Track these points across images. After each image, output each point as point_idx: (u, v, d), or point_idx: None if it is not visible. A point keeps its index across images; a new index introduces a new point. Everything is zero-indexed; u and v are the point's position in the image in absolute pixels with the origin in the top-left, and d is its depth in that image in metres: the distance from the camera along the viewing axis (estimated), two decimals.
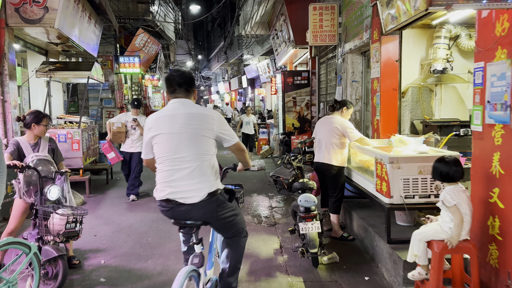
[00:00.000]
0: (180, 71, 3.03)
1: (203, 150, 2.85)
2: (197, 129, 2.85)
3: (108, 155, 7.43)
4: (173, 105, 2.95)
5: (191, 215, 2.82)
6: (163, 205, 2.87)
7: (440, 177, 3.23)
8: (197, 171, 2.81)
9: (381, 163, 4.07)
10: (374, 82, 5.97)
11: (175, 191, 2.80)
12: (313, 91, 10.29)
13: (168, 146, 2.85)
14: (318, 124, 5.37)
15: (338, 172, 5.10)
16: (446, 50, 5.54)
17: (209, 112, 2.96)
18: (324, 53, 9.54)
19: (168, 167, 2.84)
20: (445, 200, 3.13)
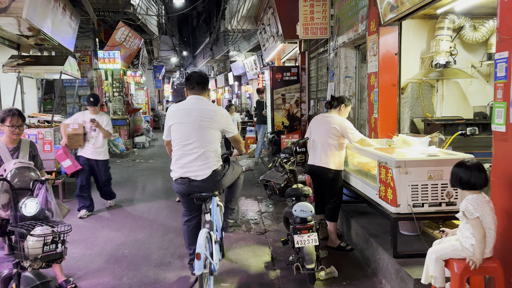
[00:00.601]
0: (199, 72, 3.90)
1: (209, 139, 3.67)
2: (206, 122, 3.66)
3: (63, 163, 5.95)
4: (191, 100, 3.76)
5: (203, 187, 3.65)
6: (179, 181, 3.70)
7: (460, 184, 2.79)
8: (202, 156, 3.64)
9: (385, 167, 3.62)
10: (371, 77, 5.53)
11: (186, 171, 3.65)
12: (303, 87, 9.84)
13: (182, 133, 3.66)
14: (313, 123, 4.91)
15: (335, 176, 4.65)
16: (450, 43, 5.13)
17: (218, 110, 3.81)
18: (314, 47, 9.09)
19: (180, 152, 3.67)
20: (467, 211, 2.69)
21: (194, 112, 3.66)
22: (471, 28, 5.20)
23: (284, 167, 4.59)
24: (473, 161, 2.85)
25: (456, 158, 3.48)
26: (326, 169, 4.63)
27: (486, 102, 5.58)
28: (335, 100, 4.76)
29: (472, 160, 2.86)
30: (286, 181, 4.70)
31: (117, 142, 12.09)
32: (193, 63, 33.96)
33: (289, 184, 4.72)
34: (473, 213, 2.67)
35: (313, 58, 9.26)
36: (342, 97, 4.79)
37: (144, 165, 11.02)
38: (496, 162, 2.98)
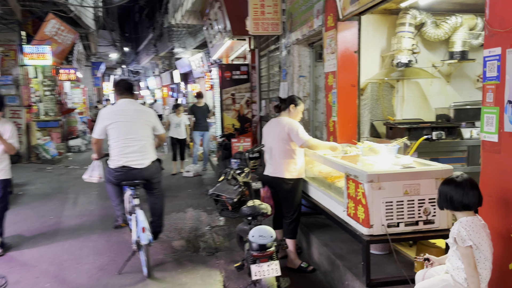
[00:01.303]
0: (126, 79, 4.71)
1: (146, 133, 4.36)
2: (142, 120, 4.35)
3: None
4: (124, 103, 4.37)
5: (140, 175, 4.27)
6: (119, 170, 4.23)
7: (451, 205, 2.35)
8: (143, 147, 4.29)
9: (355, 181, 3.13)
10: (329, 77, 5.07)
11: (128, 160, 4.22)
12: (254, 87, 9.29)
13: (122, 130, 4.23)
14: (266, 128, 4.35)
15: (293, 187, 4.12)
16: (412, 40, 4.78)
17: (148, 109, 4.69)
18: (265, 44, 8.57)
19: (123, 144, 4.22)
20: (459, 237, 2.25)
21: (130, 112, 4.32)
22: (432, 24, 4.88)
23: (237, 180, 4.00)
24: (463, 176, 2.41)
25: (434, 170, 3.07)
26: (281, 180, 4.10)
27: (447, 103, 5.31)
28: (283, 102, 4.23)
29: (462, 176, 2.42)
30: (240, 195, 4.12)
31: (48, 146, 10.86)
32: (136, 59, 32.43)
33: (244, 198, 4.14)
34: (465, 241, 2.23)
35: (264, 56, 8.74)
36: (291, 97, 4.27)
37: (79, 172, 9.91)
38: (486, 177, 2.57)
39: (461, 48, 4.89)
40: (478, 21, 4.89)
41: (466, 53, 4.92)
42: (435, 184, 3.06)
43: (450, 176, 2.47)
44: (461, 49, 4.90)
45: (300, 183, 4.19)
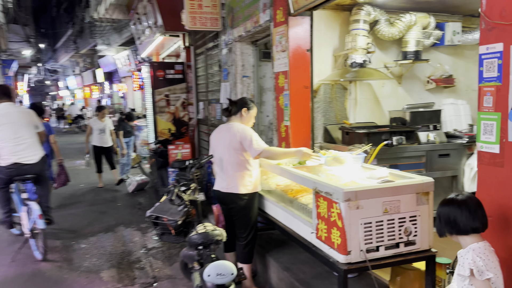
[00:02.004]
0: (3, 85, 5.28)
1: (32, 132, 4.94)
2: (27, 120, 4.93)
3: None
4: (5, 106, 4.85)
5: (31, 170, 4.83)
6: (11, 167, 4.75)
7: (456, 228, 1.97)
8: (32, 145, 4.90)
9: (328, 200, 2.66)
10: (280, 77, 4.60)
11: (20, 157, 4.77)
12: (190, 87, 8.60)
13: (10, 131, 4.74)
14: (214, 136, 3.76)
15: (248, 203, 3.58)
16: (367, 38, 4.47)
17: (29, 110, 5.27)
18: (201, 42, 7.92)
19: (13, 143, 4.74)
20: (477, 269, 1.86)
21: (13, 114, 4.82)
22: (386, 22, 4.62)
23: (182, 199, 3.36)
24: (464, 194, 2.05)
25: (415, 183, 2.70)
26: (235, 196, 3.54)
27: (399, 105, 5.11)
28: (233, 104, 3.67)
29: (463, 194, 2.05)
30: (186, 216, 3.50)
31: None
32: (54, 57, 29.87)
33: (190, 219, 3.53)
34: (483, 272, 1.85)
35: (201, 54, 8.09)
36: (243, 100, 3.72)
37: None
38: (484, 193, 2.22)
39: (415, 48, 4.69)
40: (431, 20, 4.73)
41: (420, 53, 4.73)
42: (416, 199, 2.69)
43: (449, 196, 2.10)
44: (414, 49, 4.70)
45: (256, 198, 3.66)
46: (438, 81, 5.09)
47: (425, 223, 2.73)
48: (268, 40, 5.76)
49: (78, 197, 7.58)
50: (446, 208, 2.03)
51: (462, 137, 4.52)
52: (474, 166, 4.44)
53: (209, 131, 7.57)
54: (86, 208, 6.71)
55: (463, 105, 5.26)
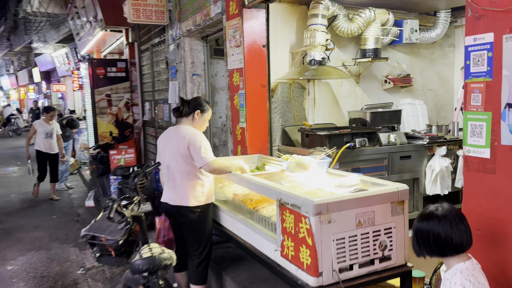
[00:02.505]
0: None
1: None
2: None
3: None
4: None
5: None
6: None
7: (438, 249, 1.71)
8: None
9: (295, 213, 2.32)
10: (235, 75, 4.22)
11: None
12: (134, 86, 7.99)
13: None
14: (161, 140, 3.30)
15: (201, 216, 3.16)
16: (326, 34, 4.20)
17: None
18: (147, 37, 7.36)
19: None
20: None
21: None
22: (345, 18, 4.39)
23: (123, 215, 2.88)
24: (444, 207, 1.78)
25: (389, 192, 2.42)
26: (186, 209, 3.11)
27: (357, 105, 4.92)
28: (186, 104, 3.23)
29: (443, 206, 1.79)
30: (128, 234, 3.01)
31: None
32: None
33: (133, 238, 3.05)
34: None
35: (146, 50, 7.52)
36: (197, 100, 3.27)
37: None
38: (472, 204, 1.97)
39: (374, 45, 4.50)
40: (390, 16, 4.56)
41: (379, 51, 4.55)
42: (390, 210, 2.42)
43: (427, 209, 1.83)
44: (373, 47, 4.50)
45: (210, 209, 3.25)
46: (396, 81, 4.95)
47: (401, 235, 2.46)
48: (220, 36, 5.37)
49: (6, 208, 6.74)
50: (424, 224, 1.75)
51: (423, 138, 4.38)
52: (435, 168, 4.32)
53: (156, 134, 7.04)
54: (15, 222, 5.94)
55: (420, 105, 5.16)
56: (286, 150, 4.25)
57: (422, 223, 1.79)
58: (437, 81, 5.54)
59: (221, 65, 5.93)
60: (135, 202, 3.02)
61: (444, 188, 4.39)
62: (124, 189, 5.26)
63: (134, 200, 3.01)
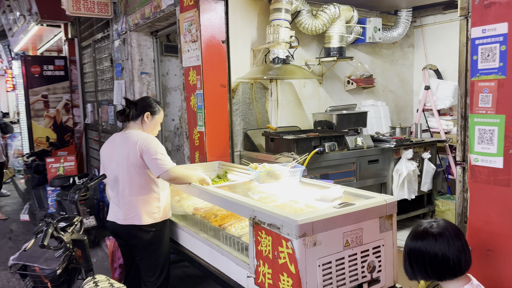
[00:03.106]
0: None
1: None
2: None
3: None
4: None
5: None
6: None
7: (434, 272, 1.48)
8: None
9: (274, 234, 1.96)
10: (191, 73, 3.80)
11: None
12: (74, 86, 7.27)
13: None
14: (106, 149, 2.81)
15: (156, 237, 2.72)
16: (289, 30, 3.90)
17: None
18: (88, 32, 6.71)
19: None
20: None
21: None
22: (309, 14, 4.11)
23: (61, 239, 2.38)
24: (440, 223, 1.54)
25: (377, 205, 2.13)
26: (136, 229, 2.65)
27: (320, 107, 4.66)
28: (133, 106, 2.77)
29: (438, 223, 1.55)
30: (67, 262, 2.51)
31: None
32: None
33: (74, 265, 2.57)
34: None
35: (88, 47, 6.86)
36: (145, 100, 2.80)
37: None
38: (480, 220, 1.72)
39: (339, 44, 4.26)
40: (354, 14, 4.34)
41: (344, 49, 4.31)
42: (379, 225, 2.14)
43: (419, 225, 1.57)
44: (338, 45, 4.26)
45: (167, 227, 2.81)
46: (359, 81, 4.76)
47: (390, 254, 2.19)
48: (172, 31, 4.92)
49: None
50: (418, 243, 1.51)
51: (389, 141, 4.20)
52: (403, 172, 4.15)
53: (100, 138, 6.42)
54: None
55: (383, 106, 5.02)
56: (248, 155, 3.90)
57: (416, 243, 1.55)
58: (397, 82, 5.44)
59: (173, 63, 5.47)
60: (76, 223, 2.52)
61: (411, 193, 4.24)
62: (64, 201, 4.65)
63: (75, 220, 2.51)
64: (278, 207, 2.24)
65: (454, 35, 5.10)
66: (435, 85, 4.96)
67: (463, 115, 2.36)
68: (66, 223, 2.45)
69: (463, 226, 2.43)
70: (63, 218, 2.49)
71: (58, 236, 2.33)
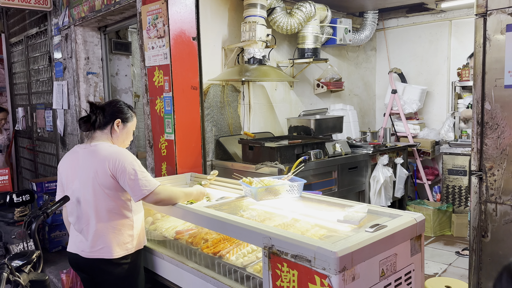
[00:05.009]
0: None
1: None
2: None
3: None
4: None
5: None
6: None
7: None
8: None
9: (303, 269, 1.62)
10: (157, 73, 3.33)
11: None
12: (1, 88, 6.35)
13: None
14: (64, 164, 2.28)
15: (130, 270, 2.24)
16: (266, 29, 3.58)
17: None
18: (20, 27, 5.88)
19: None
20: None
21: None
22: (283, 12, 3.82)
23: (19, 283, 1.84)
24: None
25: (408, 225, 1.87)
26: (106, 263, 2.16)
27: (291, 112, 4.40)
28: (100, 112, 2.27)
29: None
30: None
31: None
32: None
33: None
34: None
35: (18, 44, 6.01)
36: (115, 105, 2.28)
37: None
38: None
39: (313, 45, 4.02)
40: (328, 13, 4.13)
41: (318, 50, 4.08)
42: (410, 248, 1.88)
43: None
44: (313, 46, 4.02)
45: (141, 258, 2.34)
46: (329, 85, 4.56)
47: (419, 279, 1.94)
48: (122, 26, 4.39)
49: None
50: None
51: (366, 146, 4.04)
52: (380, 179, 4.01)
53: (34, 146, 5.63)
54: None
55: (351, 110, 4.87)
56: (222, 165, 3.52)
57: None
58: (361, 86, 5.35)
59: (123, 62, 4.91)
60: (34, 260, 1.98)
61: (387, 199, 4.11)
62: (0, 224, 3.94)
63: (33, 256, 1.97)
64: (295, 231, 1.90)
65: (417, 39, 5.12)
66: (401, 89, 4.92)
67: (479, 121, 2.21)
68: (23, 261, 1.91)
69: (480, 240, 2.27)
70: (18, 255, 1.95)
71: (14, 279, 1.79)
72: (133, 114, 2.36)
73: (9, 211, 3.91)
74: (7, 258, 1.91)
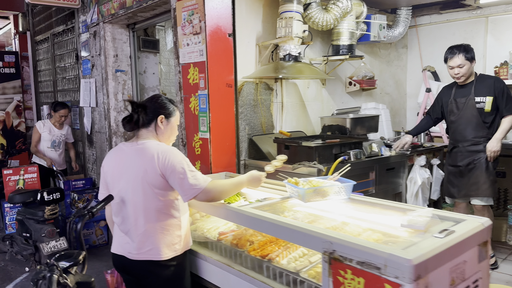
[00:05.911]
0: None
1: None
2: None
3: None
4: None
5: None
6: None
7: None
8: None
9: (371, 277, 1.51)
10: (192, 71, 3.26)
11: None
12: (26, 86, 6.37)
13: None
14: (110, 162, 2.22)
15: (177, 272, 2.17)
16: (303, 24, 3.48)
17: None
18: (45, 25, 5.88)
19: None
20: None
21: None
22: (319, 7, 3.71)
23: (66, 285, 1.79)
24: None
25: (476, 230, 1.75)
26: (155, 264, 2.09)
27: (323, 110, 4.29)
28: (142, 110, 2.20)
29: None
30: None
31: None
32: None
33: None
34: None
35: (44, 41, 6.02)
36: (156, 100, 2.20)
37: None
38: None
39: (349, 41, 3.90)
40: (364, 9, 4.01)
41: (354, 47, 3.97)
42: (477, 255, 1.77)
43: None
44: (349, 43, 3.90)
45: (187, 260, 2.27)
46: (362, 83, 4.44)
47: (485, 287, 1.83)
48: (152, 23, 4.34)
49: None
50: None
51: None
52: (417, 181, 3.87)
53: None
54: None
55: (384, 109, 4.74)
56: (255, 164, 3.43)
57: None
58: (392, 84, 5.21)
59: (151, 60, 4.86)
60: (81, 261, 1.92)
61: (424, 202, 3.97)
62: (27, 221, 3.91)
63: (80, 257, 1.91)
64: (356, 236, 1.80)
65: (450, 36, 4.95)
66: (435, 88, 4.77)
67: None
68: (69, 262, 1.84)
69: None
70: (64, 256, 1.88)
71: (63, 281, 1.72)
72: (176, 108, 2.28)
73: (39, 209, 3.88)
74: (53, 259, 1.85)
